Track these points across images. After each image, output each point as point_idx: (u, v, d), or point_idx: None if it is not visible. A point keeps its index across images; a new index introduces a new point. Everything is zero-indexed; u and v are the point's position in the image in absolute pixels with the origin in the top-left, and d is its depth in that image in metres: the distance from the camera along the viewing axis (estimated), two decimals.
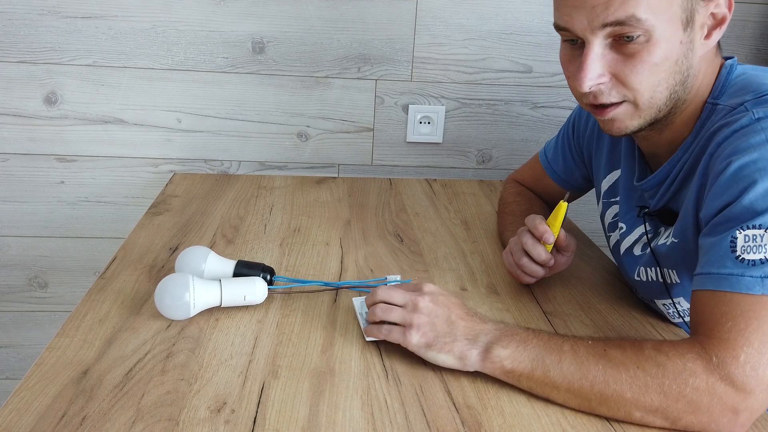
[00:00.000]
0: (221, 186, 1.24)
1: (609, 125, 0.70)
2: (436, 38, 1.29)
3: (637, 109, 0.68)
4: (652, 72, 0.65)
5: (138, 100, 1.28)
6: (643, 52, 0.64)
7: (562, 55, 0.72)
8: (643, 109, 0.68)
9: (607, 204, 0.91)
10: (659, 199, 0.77)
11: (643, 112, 0.68)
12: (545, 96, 1.36)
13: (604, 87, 0.67)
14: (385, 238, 1.03)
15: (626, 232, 0.84)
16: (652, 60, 0.64)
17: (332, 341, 0.73)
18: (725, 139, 0.65)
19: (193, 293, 0.73)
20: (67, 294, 1.42)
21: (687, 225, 0.70)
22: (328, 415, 0.61)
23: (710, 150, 0.66)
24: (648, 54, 0.64)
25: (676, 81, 0.67)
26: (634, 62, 0.64)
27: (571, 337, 0.65)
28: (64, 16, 1.21)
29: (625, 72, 0.65)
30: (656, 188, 0.77)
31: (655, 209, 0.78)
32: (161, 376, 0.65)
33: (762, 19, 1.35)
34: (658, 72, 0.65)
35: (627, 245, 0.84)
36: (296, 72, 1.29)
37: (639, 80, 0.65)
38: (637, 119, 0.69)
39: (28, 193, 1.32)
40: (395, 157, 1.38)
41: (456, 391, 0.65)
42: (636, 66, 0.64)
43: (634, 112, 0.68)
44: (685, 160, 0.72)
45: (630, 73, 0.65)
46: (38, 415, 0.58)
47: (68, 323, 0.73)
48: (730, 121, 0.65)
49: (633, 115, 0.68)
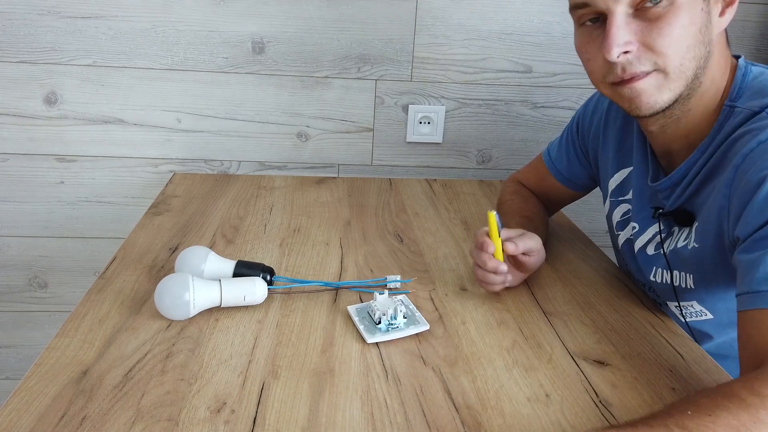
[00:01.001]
0: (221, 186, 1.24)
1: (637, 101, 0.68)
2: (436, 38, 1.29)
3: (667, 78, 0.66)
4: (680, 36, 0.64)
5: (138, 100, 1.28)
6: (669, 14, 0.63)
7: (580, 39, 0.71)
8: (672, 78, 0.66)
9: (615, 203, 0.91)
10: (675, 200, 0.76)
11: (672, 83, 0.67)
12: (545, 96, 1.36)
13: (632, 56, 0.66)
14: (385, 238, 1.03)
15: (639, 231, 0.84)
16: (678, 22, 0.63)
17: (332, 341, 0.73)
18: (751, 150, 0.63)
19: (193, 293, 0.73)
20: (66, 294, 1.42)
21: (708, 231, 0.70)
22: (327, 416, 0.61)
23: (736, 161, 0.65)
24: (674, 16, 0.63)
25: (702, 53, 0.66)
26: (660, 25, 0.64)
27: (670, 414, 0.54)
28: (64, 16, 1.20)
29: (653, 36, 0.64)
30: (671, 189, 0.76)
31: (670, 210, 0.77)
32: (161, 376, 0.65)
33: (762, 19, 1.35)
34: (686, 37, 0.64)
35: (641, 244, 0.84)
36: (296, 72, 1.29)
37: (668, 43, 0.64)
38: (666, 92, 0.67)
39: (28, 193, 1.32)
40: (395, 157, 1.38)
41: (456, 392, 0.65)
42: (663, 29, 0.64)
43: (664, 83, 0.67)
44: (702, 162, 0.71)
45: (658, 37, 0.64)
46: (38, 415, 0.58)
47: (68, 323, 0.73)
48: (754, 129, 0.64)
49: (662, 87, 0.67)
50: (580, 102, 1.35)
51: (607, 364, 0.72)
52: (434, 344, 0.73)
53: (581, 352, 0.74)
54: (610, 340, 0.76)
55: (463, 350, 0.73)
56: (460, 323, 0.78)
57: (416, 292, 0.86)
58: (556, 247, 1.04)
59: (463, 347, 0.73)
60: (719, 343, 0.81)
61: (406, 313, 0.76)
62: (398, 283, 0.86)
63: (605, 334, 0.78)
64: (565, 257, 1.00)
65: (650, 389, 0.67)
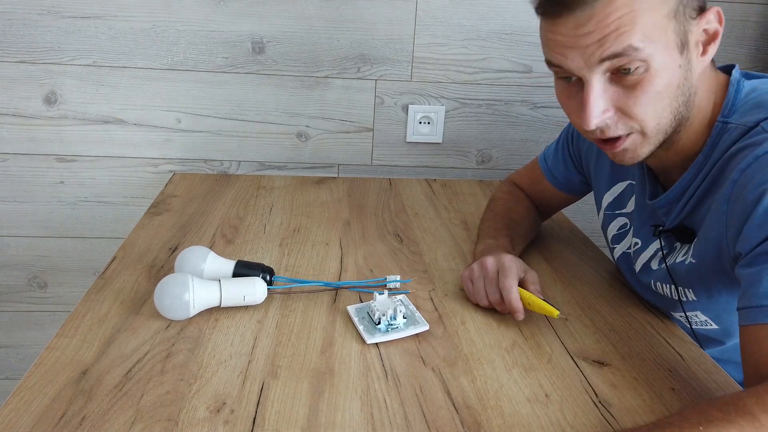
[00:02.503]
0: (221, 186, 1.24)
1: (620, 156, 0.70)
2: (435, 38, 1.29)
3: (645, 137, 0.67)
4: (655, 100, 0.64)
5: (137, 100, 1.28)
6: (645, 82, 0.63)
7: (559, 92, 0.71)
8: (650, 137, 0.67)
9: (611, 216, 0.91)
10: (675, 217, 0.76)
11: (651, 139, 0.68)
12: (545, 96, 1.36)
13: (610, 121, 0.66)
14: (384, 239, 1.03)
15: (642, 248, 0.84)
16: (654, 89, 0.63)
17: (332, 341, 0.73)
18: (748, 165, 0.63)
19: (193, 293, 0.73)
20: (66, 294, 1.42)
21: (707, 248, 0.69)
22: (327, 416, 0.61)
23: (733, 177, 0.65)
24: (649, 83, 0.63)
25: (680, 103, 0.66)
26: (636, 93, 0.64)
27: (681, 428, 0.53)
28: (64, 16, 1.20)
29: (629, 104, 0.65)
30: (670, 206, 0.76)
31: (671, 227, 0.77)
32: (161, 376, 0.65)
33: (762, 19, 1.35)
34: (662, 99, 0.64)
35: (644, 261, 0.83)
36: (296, 72, 1.29)
37: (644, 110, 0.65)
38: (647, 146, 0.68)
39: (28, 193, 1.32)
40: (395, 157, 1.38)
41: (455, 392, 0.65)
42: (639, 97, 0.64)
43: (643, 141, 0.68)
44: (700, 179, 0.71)
45: (634, 105, 0.64)
46: (37, 415, 0.58)
47: (68, 323, 0.73)
48: (750, 144, 0.64)
49: (642, 144, 0.68)
50: None
51: (606, 364, 0.72)
52: (434, 344, 0.73)
53: (581, 352, 0.74)
54: (609, 341, 0.76)
55: (463, 350, 0.73)
56: (460, 323, 0.78)
57: (416, 292, 0.86)
58: (556, 247, 1.04)
59: (463, 347, 0.73)
60: (727, 348, 0.81)
61: (406, 314, 0.76)
62: (398, 283, 0.86)
63: (605, 335, 0.78)
64: (565, 257, 1.00)
65: (650, 389, 0.67)
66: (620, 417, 0.63)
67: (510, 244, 0.91)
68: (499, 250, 0.86)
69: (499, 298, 0.78)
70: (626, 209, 0.88)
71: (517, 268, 0.79)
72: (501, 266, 0.79)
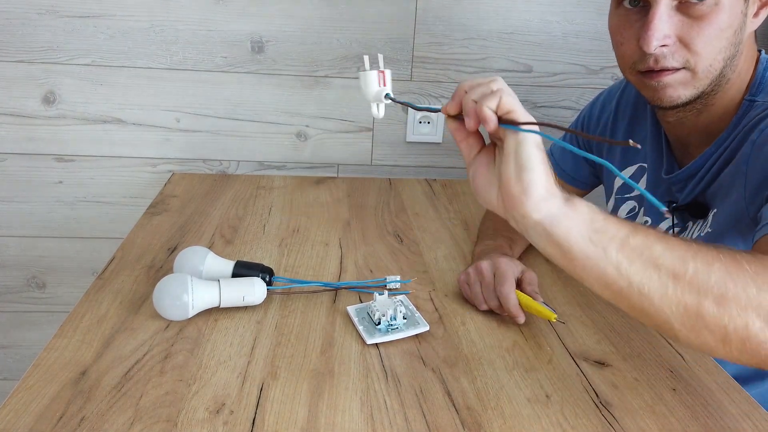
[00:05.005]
0: (220, 186, 1.24)
1: (661, 93, 0.69)
2: (436, 38, 1.29)
3: (694, 77, 0.67)
4: (716, 38, 0.64)
5: (136, 99, 1.27)
6: (712, 15, 0.64)
7: (616, 20, 0.71)
8: (699, 78, 0.67)
9: (621, 200, 0.91)
10: (689, 192, 0.76)
11: (698, 81, 0.68)
12: (545, 96, 1.35)
13: (667, 50, 0.66)
14: (384, 239, 1.03)
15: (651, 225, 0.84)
16: (719, 24, 0.64)
17: (331, 342, 0.73)
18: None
19: (192, 294, 0.73)
20: (65, 294, 1.42)
21: (725, 217, 0.70)
22: (327, 417, 0.60)
23: (753, 137, 0.66)
24: (716, 17, 0.64)
25: (732, 54, 0.67)
26: (701, 25, 0.64)
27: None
28: (63, 16, 1.20)
29: (691, 35, 0.65)
30: (685, 181, 0.76)
31: (684, 203, 0.77)
32: (160, 376, 0.65)
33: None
34: (721, 39, 0.65)
35: None
36: (295, 71, 1.28)
37: (704, 44, 0.65)
38: (690, 89, 0.68)
39: (27, 193, 1.32)
40: (395, 157, 1.38)
41: (456, 393, 0.65)
42: (703, 29, 0.64)
43: (690, 81, 0.68)
44: (718, 155, 0.72)
45: (696, 36, 0.65)
46: (36, 416, 0.58)
47: (66, 324, 0.73)
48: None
49: (688, 84, 0.68)
50: (581, 102, 1.35)
51: (607, 364, 0.71)
52: (434, 345, 0.73)
53: (581, 352, 0.73)
54: (610, 341, 0.76)
55: (463, 351, 0.72)
56: (460, 324, 0.78)
57: (416, 292, 0.85)
58: None
59: (463, 348, 0.73)
60: None
61: (406, 314, 0.76)
62: (398, 283, 0.86)
63: (605, 335, 0.78)
64: None
65: (651, 390, 0.67)
66: (621, 418, 0.62)
67: (508, 244, 0.91)
68: (495, 252, 0.85)
69: (498, 303, 0.77)
70: (635, 191, 0.88)
71: (513, 271, 0.78)
72: (497, 271, 0.78)
